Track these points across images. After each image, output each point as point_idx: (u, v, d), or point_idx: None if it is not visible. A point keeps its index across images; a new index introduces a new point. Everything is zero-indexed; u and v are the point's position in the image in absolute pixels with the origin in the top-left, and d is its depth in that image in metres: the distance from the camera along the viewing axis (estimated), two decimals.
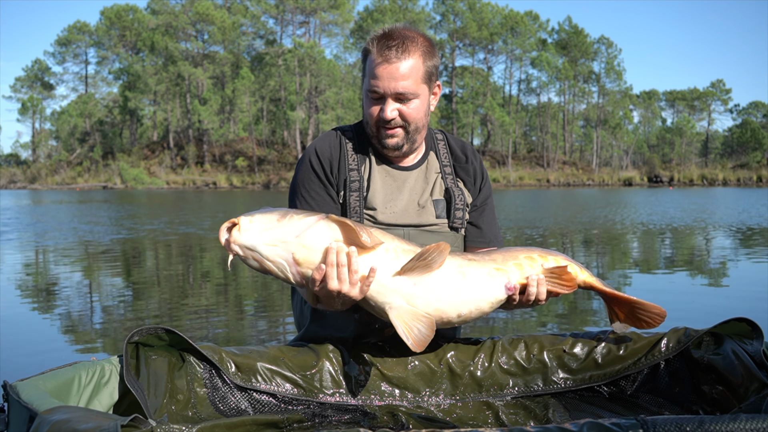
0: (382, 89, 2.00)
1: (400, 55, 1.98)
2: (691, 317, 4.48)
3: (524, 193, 40.12)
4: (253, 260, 1.75)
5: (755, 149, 72.19)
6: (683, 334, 1.98)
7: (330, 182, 2.11)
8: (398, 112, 2.03)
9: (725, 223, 13.70)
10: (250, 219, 1.73)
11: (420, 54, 2.02)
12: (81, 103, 70.03)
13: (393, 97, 2.01)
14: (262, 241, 1.74)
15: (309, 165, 2.13)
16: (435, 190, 2.17)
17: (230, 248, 1.75)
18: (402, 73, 1.99)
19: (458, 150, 2.26)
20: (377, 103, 2.04)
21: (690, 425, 1.32)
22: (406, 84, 2.00)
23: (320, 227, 1.77)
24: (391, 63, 1.98)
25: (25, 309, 5.19)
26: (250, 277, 6.89)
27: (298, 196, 2.12)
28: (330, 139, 2.17)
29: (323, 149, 2.14)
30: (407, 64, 1.99)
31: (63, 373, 1.74)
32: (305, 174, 2.13)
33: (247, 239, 1.73)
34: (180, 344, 1.88)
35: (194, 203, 27.59)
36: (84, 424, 1.34)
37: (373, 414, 1.93)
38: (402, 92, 2.00)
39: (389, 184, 2.14)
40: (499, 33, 71.30)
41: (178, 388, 1.85)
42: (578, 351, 2.07)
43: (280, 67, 65.49)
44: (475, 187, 2.24)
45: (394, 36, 2.01)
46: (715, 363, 1.89)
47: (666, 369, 2.00)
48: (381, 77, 1.99)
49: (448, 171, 2.22)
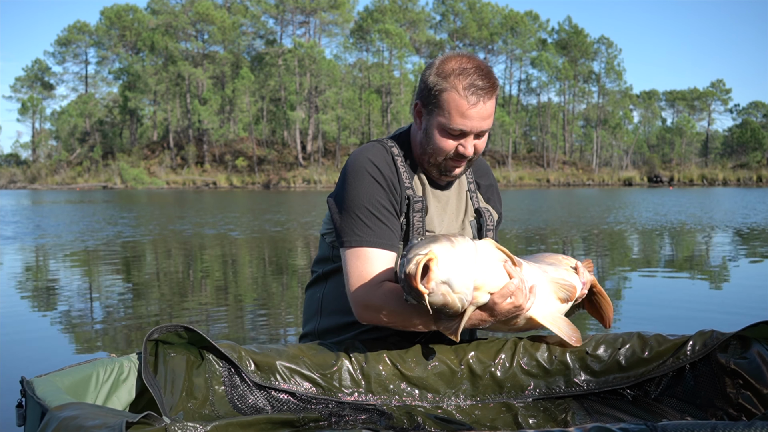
0: (469, 128, 2.00)
1: (490, 96, 2.00)
2: (714, 319, 4.45)
3: (524, 193, 40.14)
4: (441, 295, 1.69)
5: (755, 149, 72.28)
6: (709, 337, 1.95)
7: (395, 197, 2.05)
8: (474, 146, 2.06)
9: (739, 223, 13.70)
10: (436, 252, 1.66)
11: (497, 90, 2.04)
12: (81, 103, 70.09)
13: (475, 135, 2.03)
14: (454, 272, 1.69)
15: (371, 177, 2.03)
16: (468, 210, 2.21)
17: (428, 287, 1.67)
18: (489, 113, 2.01)
19: (479, 168, 2.30)
20: (455, 138, 2.02)
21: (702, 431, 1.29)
22: (489, 122, 2.04)
23: (483, 248, 1.79)
24: (483, 105, 1.99)
25: (31, 308, 5.18)
26: (250, 277, 6.88)
27: (363, 211, 2.01)
28: (383, 154, 2.09)
29: (380, 162, 2.06)
30: (493, 103, 2.02)
31: (81, 370, 1.72)
32: (369, 187, 2.02)
33: (443, 274, 1.67)
34: (199, 342, 1.87)
35: (194, 203, 27.60)
36: (91, 420, 1.32)
37: (390, 414, 1.91)
38: (486, 129, 2.03)
39: (435, 205, 2.14)
40: (499, 33, 71.40)
41: (196, 385, 1.83)
42: (601, 353, 2.03)
43: (280, 67, 65.54)
44: (496, 205, 2.29)
45: (478, 73, 1.99)
46: (741, 367, 1.86)
47: (691, 372, 1.97)
48: (471, 118, 1.98)
49: (473, 188, 2.24)
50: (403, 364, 1.98)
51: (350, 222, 2.01)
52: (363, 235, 1.99)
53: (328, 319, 2.20)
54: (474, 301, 1.76)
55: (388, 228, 2.00)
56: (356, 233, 2.00)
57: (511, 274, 1.81)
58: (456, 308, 1.73)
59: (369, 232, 1.99)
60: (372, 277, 1.96)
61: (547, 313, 1.96)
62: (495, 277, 1.80)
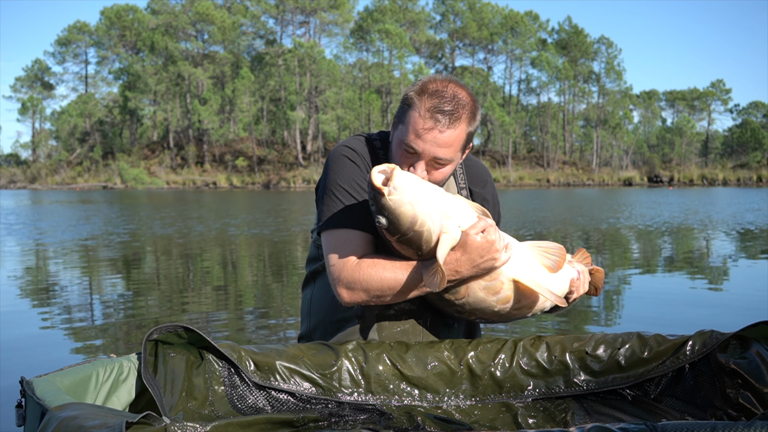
0: (421, 150, 1.94)
1: (450, 123, 1.92)
2: (715, 319, 4.45)
3: (524, 193, 40.14)
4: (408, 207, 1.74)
5: (755, 149, 72.27)
6: (709, 337, 1.94)
7: None
8: (428, 172, 1.98)
9: (739, 223, 13.69)
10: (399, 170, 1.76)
11: (466, 121, 1.95)
12: (81, 103, 70.07)
13: (427, 160, 1.96)
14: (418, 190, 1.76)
15: (349, 160, 2.04)
16: None
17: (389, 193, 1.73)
18: (445, 142, 1.92)
19: (475, 174, 2.25)
20: (409, 158, 1.97)
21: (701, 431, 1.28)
22: (446, 152, 1.94)
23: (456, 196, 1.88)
24: (439, 130, 1.91)
25: (31, 308, 5.17)
26: (250, 277, 6.88)
27: (341, 192, 2.01)
28: (363, 144, 2.10)
29: (360, 149, 2.07)
30: (453, 133, 1.93)
31: (80, 370, 1.72)
32: (347, 170, 2.03)
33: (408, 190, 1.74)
34: (199, 342, 1.87)
35: (195, 203, 27.60)
36: (91, 420, 1.32)
37: (390, 414, 1.91)
38: (440, 158, 1.95)
39: None
40: (499, 33, 71.37)
41: (195, 386, 1.83)
42: (601, 353, 2.03)
43: (280, 67, 65.52)
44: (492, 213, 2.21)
45: (447, 97, 1.93)
46: (740, 367, 1.85)
47: (691, 373, 1.97)
48: (424, 140, 1.92)
49: (465, 194, 2.20)
50: (403, 364, 1.98)
51: (329, 204, 2.02)
52: (340, 217, 1.99)
53: (316, 318, 2.21)
54: (444, 230, 1.79)
55: (363, 207, 1.98)
56: (334, 215, 2.00)
57: (481, 218, 1.86)
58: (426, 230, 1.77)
59: (346, 213, 1.99)
60: (350, 256, 1.94)
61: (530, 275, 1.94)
62: (466, 213, 1.85)
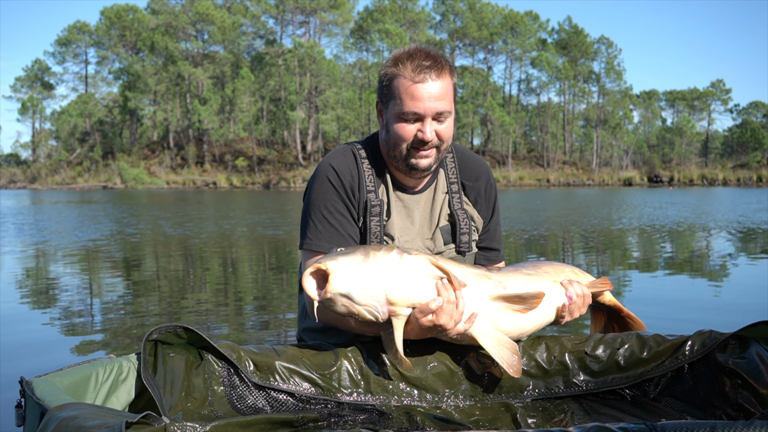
0: (422, 110, 1.97)
1: (437, 75, 1.97)
2: (714, 319, 4.45)
3: (525, 193, 40.13)
4: (342, 306, 1.72)
5: (755, 149, 72.24)
6: (708, 337, 1.94)
7: (351, 203, 2.06)
8: (436, 133, 2.01)
9: (739, 223, 13.70)
10: (336, 264, 1.68)
11: (449, 70, 2.02)
12: (81, 103, 70.07)
13: (432, 118, 1.99)
14: (356, 286, 1.70)
15: (329, 182, 2.06)
16: (442, 215, 2.16)
17: (323, 298, 1.70)
18: (441, 92, 1.98)
19: (468, 167, 2.22)
20: (414, 125, 2.00)
21: (701, 431, 1.29)
22: (444, 104, 1.99)
23: (408, 264, 1.77)
24: (431, 83, 1.96)
25: (31, 308, 5.18)
26: (250, 277, 6.88)
27: (317, 215, 2.05)
28: (347, 158, 2.10)
29: (342, 168, 2.08)
30: (444, 83, 1.99)
31: (80, 370, 1.72)
32: (325, 192, 2.06)
33: (342, 287, 1.69)
34: (198, 342, 1.87)
35: (195, 203, 27.60)
36: (91, 421, 1.33)
37: (389, 414, 1.91)
38: (441, 111, 1.99)
39: (401, 210, 2.12)
40: (499, 33, 71.35)
41: (195, 386, 1.83)
42: (600, 353, 2.03)
43: (280, 67, 65.51)
44: (486, 208, 2.22)
45: (426, 56, 1.99)
46: (739, 367, 1.85)
47: (690, 372, 1.96)
48: (421, 98, 1.96)
49: (455, 189, 2.18)
50: None
51: (306, 224, 2.08)
52: (313, 238, 2.04)
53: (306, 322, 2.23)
54: (394, 315, 1.78)
55: (337, 232, 2.03)
56: (308, 235, 2.06)
57: (439, 292, 1.80)
58: (367, 318, 1.76)
59: (318, 235, 2.03)
60: None
61: (491, 336, 1.90)
62: (419, 292, 1.79)
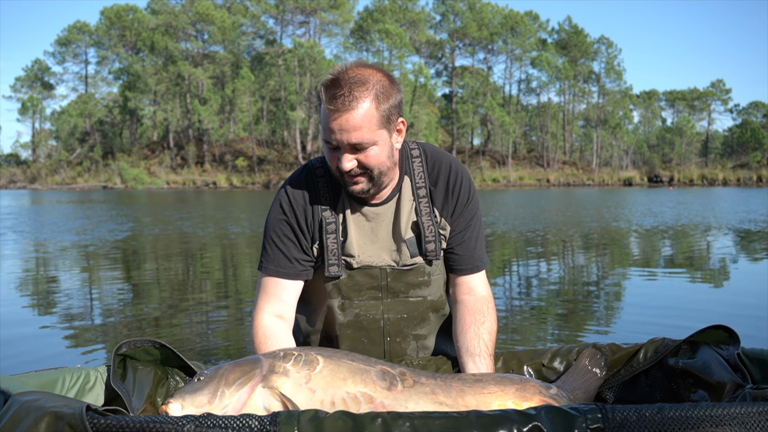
0: (336, 142, 1.88)
1: (348, 105, 1.83)
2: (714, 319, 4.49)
3: (526, 193, 40.14)
4: None
5: (755, 149, 72.24)
6: (661, 345, 1.99)
7: (300, 227, 2.05)
8: (357, 161, 1.91)
9: (738, 223, 13.72)
10: (181, 404, 1.65)
11: (372, 99, 1.85)
12: (81, 103, 70.14)
13: (348, 149, 1.89)
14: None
15: (280, 207, 2.08)
16: (408, 226, 2.08)
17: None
18: (353, 125, 1.84)
19: (435, 170, 2.11)
20: (335, 153, 1.93)
21: (649, 411, 1.33)
22: (360, 134, 1.86)
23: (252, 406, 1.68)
24: (341, 114, 1.84)
25: (23, 309, 5.21)
26: (250, 277, 6.92)
27: (268, 239, 2.08)
28: (301, 180, 2.09)
29: (295, 192, 2.07)
30: (358, 114, 1.84)
31: (48, 374, 1.78)
32: (276, 218, 2.08)
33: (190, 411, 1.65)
34: (168, 356, 1.90)
35: (195, 203, 27.63)
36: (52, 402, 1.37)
37: None
38: (356, 143, 1.87)
39: (362, 225, 2.07)
40: (499, 33, 71.37)
41: (160, 395, 1.86)
42: (557, 365, 2.07)
43: (280, 67, 65.57)
44: (454, 211, 2.10)
45: (341, 83, 1.85)
46: (690, 368, 1.89)
47: (645, 379, 2.01)
48: (333, 130, 1.86)
49: (422, 194, 2.09)
50: None
51: (263, 246, 2.12)
52: (264, 261, 2.09)
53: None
54: None
55: (284, 257, 2.05)
56: (261, 258, 2.11)
57: None
58: None
59: (269, 259, 2.07)
60: (259, 303, 2.06)
61: None
62: None
